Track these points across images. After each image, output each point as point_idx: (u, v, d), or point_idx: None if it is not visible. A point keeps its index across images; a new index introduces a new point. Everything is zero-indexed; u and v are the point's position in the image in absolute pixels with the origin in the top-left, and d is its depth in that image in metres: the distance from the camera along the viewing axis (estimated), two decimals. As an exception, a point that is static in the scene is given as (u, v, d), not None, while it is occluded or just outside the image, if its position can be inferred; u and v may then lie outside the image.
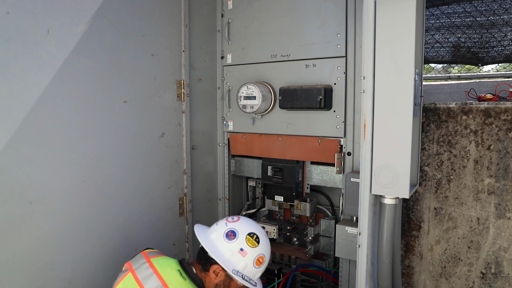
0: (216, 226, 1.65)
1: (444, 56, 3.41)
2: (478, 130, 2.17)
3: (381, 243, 1.80)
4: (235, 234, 1.58)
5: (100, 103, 1.87)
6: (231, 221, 1.65)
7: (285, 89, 2.22)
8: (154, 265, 1.58)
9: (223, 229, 1.61)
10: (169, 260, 1.65)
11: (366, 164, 1.71)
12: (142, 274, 1.53)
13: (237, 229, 1.60)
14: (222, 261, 1.53)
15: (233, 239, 1.56)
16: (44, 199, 1.67)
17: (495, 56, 3.19)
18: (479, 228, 2.21)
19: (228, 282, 1.58)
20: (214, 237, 1.61)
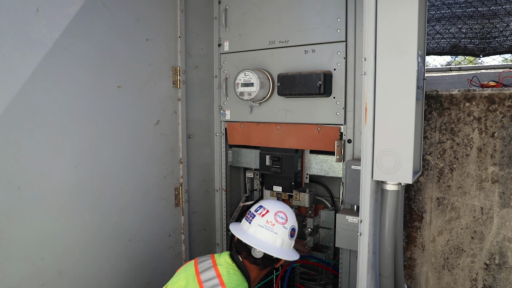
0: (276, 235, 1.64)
1: (445, 48, 3.36)
2: (481, 117, 2.11)
3: (383, 231, 1.74)
4: (295, 229, 1.70)
5: (93, 86, 1.81)
6: (284, 221, 1.67)
7: (283, 75, 2.16)
8: (214, 256, 1.68)
9: (285, 233, 1.65)
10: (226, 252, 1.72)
11: (368, 149, 1.65)
12: (203, 265, 1.61)
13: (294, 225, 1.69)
14: (296, 256, 1.67)
15: (294, 234, 1.70)
16: (33, 185, 1.61)
17: (496, 47, 3.14)
18: (482, 218, 2.15)
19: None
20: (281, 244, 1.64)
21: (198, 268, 1.60)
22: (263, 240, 1.61)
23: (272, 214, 1.65)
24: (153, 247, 2.16)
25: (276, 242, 1.61)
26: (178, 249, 2.32)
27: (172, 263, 2.29)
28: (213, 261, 1.63)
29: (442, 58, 3.51)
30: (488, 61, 3.28)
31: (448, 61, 3.60)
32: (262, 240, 1.61)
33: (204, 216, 2.52)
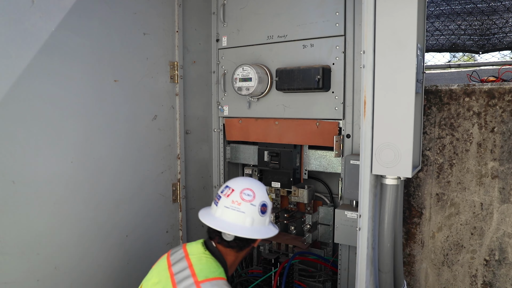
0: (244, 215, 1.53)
1: (444, 44, 3.35)
2: (481, 112, 2.10)
3: (382, 226, 1.73)
4: (266, 204, 1.58)
5: (89, 80, 1.79)
6: (251, 198, 1.54)
7: (282, 70, 2.14)
8: (186, 245, 1.60)
9: (255, 211, 1.54)
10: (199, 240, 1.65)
11: (367, 143, 1.63)
12: (175, 257, 1.54)
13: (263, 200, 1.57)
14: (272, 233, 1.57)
15: (266, 210, 1.57)
16: (28, 179, 1.59)
17: (496, 44, 3.13)
18: (482, 213, 2.13)
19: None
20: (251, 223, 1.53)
21: (170, 260, 1.53)
22: (231, 223, 1.50)
23: (238, 193, 1.53)
24: (150, 243, 2.14)
25: (245, 222, 1.50)
26: (176, 245, 2.30)
27: (169, 260, 2.27)
28: (185, 251, 1.55)
29: (441, 55, 3.50)
30: (488, 58, 3.27)
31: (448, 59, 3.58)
32: (230, 223, 1.50)
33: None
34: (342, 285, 2.17)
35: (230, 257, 1.56)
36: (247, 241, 1.54)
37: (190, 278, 1.38)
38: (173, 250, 1.59)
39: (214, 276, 1.39)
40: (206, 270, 1.41)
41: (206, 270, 1.41)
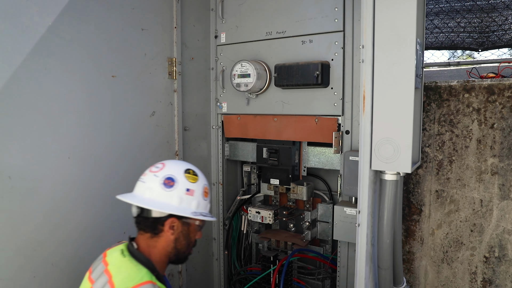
0: (144, 184, 1.42)
1: (443, 42, 3.34)
2: (481, 108, 2.09)
3: (382, 222, 1.72)
4: (173, 179, 1.40)
5: (86, 75, 1.78)
6: (158, 170, 1.43)
7: (280, 66, 2.13)
8: (106, 255, 1.44)
9: (156, 182, 1.39)
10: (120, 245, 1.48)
11: (366, 138, 1.62)
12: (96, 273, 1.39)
13: (170, 173, 1.41)
14: (176, 210, 1.37)
15: (174, 185, 1.39)
16: (24, 174, 1.58)
17: (495, 41, 3.12)
18: (482, 210, 2.12)
19: (187, 230, 1.45)
20: (151, 195, 1.38)
21: (91, 278, 1.39)
22: (134, 195, 1.42)
23: (151, 166, 1.48)
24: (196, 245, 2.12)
25: (144, 193, 1.39)
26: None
27: (168, 257, 2.26)
28: (105, 263, 1.40)
29: (440, 53, 3.50)
30: (487, 56, 3.26)
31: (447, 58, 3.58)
32: (134, 195, 1.42)
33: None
34: (341, 282, 2.16)
35: (154, 250, 1.41)
36: (155, 221, 1.39)
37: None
38: (94, 265, 1.45)
39: (134, 284, 1.26)
40: (126, 279, 1.29)
41: (126, 279, 1.29)
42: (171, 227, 1.40)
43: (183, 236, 1.44)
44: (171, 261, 1.48)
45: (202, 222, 1.50)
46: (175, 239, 1.42)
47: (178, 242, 1.43)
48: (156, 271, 1.37)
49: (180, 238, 1.43)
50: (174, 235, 1.41)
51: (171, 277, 2.29)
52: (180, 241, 1.44)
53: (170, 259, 1.46)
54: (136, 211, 1.41)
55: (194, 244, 1.53)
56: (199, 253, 2.51)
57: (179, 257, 1.48)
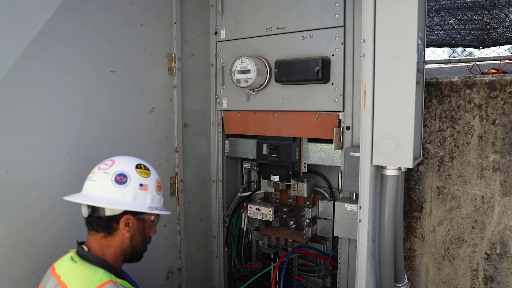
0: (94, 182, 1.35)
1: (444, 39, 3.33)
2: (482, 104, 2.08)
3: (383, 218, 1.70)
4: (125, 174, 1.35)
5: (86, 70, 1.76)
6: (107, 167, 1.37)
7: (280, 61, 2.12)
8: (55, 269, 1.36)
9: (107, 179, 1.33)
10: (68, 253, 1.41)
11: (367, 133, 1.61)
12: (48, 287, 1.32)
13: (122, 169, 1.36)
14: (132, 206, 1.33)
15: (126, 181, 1.34)
16: (22, 169, 1.56)
17: (496, 38, 3.11)
18: (483, 207, 2.11)
19: (143, 226, 1.42)
20: (102, 193, 1.32)
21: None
22: (84, 194, 1.36)
23: (99, 164, 1.42)
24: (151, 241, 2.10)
25: (95, 191, 1.33)
26: (174, 239, 2.28)
27: (167, 254, 2.24)
28: (56, 276, 1.32)
29: (441, 51, 3.48)
30: (488, 53, 3.25)
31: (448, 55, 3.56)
32: (84, 194, 1.36)
33: (200, 207, 2.48)
34: (342, 279, 2.14)
35: (108, 250, 1.36)
36: (109, 220, 1.34)
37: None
38: (42, 283, 1.37)
39: (94, 287, 1.21)
40: (83, 285, 1.22)
41: (83, 285, 1.22)
42: (126, 224, 1.36)
43: (138, 233, 1.41)
44: (126, 260, 1.44)
45: (157, 218, 1.48)
46: (130, 236, 1.39)
47: (134, 239, 1.40)
48: (113, 269, 1.32)
49: (136, 235, 1.40)
50: (129, 233, 1.38)
51: (170, 274, 2.27)
52: (136, 238, 1.40)
53: (125, 257, 1.42)
54: (87, 211, 1.35)
55: (149, 241, 1.50)
56: (199, 250, 2.50)
57: (135, 254, 1.45)
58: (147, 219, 1.43)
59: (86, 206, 1.35)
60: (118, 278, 1.28)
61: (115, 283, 1.23)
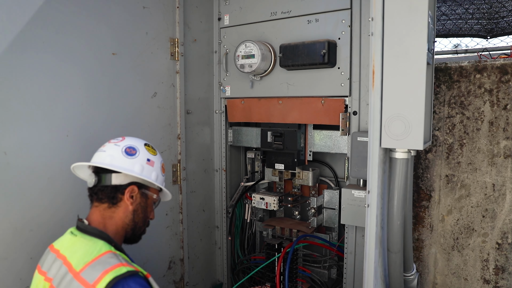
0: (105, 152, 1.38)
1: (451, 29, 3.27)
2: (493, 89, 2.02)
3: (392, 203, 1.65)
4: (134, 148, 1.40)
5: (86, 51, 1.72)
6: (118, 141, 1.42)
7: (285, 45, 2.07)
8: (53, 246, 1.35)
9: (117, 150, 1.37)
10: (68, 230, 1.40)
11: (375, 114, 1.56)
12: (47, 264, 1.30)
13: (131, 143, 1.41)
14: (138, 175, 1.36)
15: (136, 153, 1.38)
16: (21, 151, 1.52)
17: (505, 27, 3.05)
18: (494, 195, 2.05)
19: (145, 203, 1.43)
20: (111, 161, 1.35)
21: (43, 271, 1.29)
22: (95, 161, 1.38)
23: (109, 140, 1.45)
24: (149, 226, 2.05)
25: (104, 159, 1.35)
26: (176, 228, 2.23)
27: (169, 244, 2.20)
28: (55, 250, 1.31)
29: (447, 41, 3.42)
30: (496, 43, 3.18)
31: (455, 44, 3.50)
32: (92, 162, 1.38)
33: (203, 197, 2.43)
34: (349, 269, 2.09)
35: (110, 221, 1.35)
36: (114, 189, 1.35)
37: (67, 274, 1.18)
38: (41, 261, 1.36)
39: (93, 258, 1.19)
40: (83, 255, 1.20)
41: (83, 255, 1.20)
42: (130, 196, 1.37)
43: (141, 209, 1.42)
44: (126, 237, 1.42)
45: (158, 199, 1.49)
46: (133, 210, 1.39)
47: (136, 215, 1.40)
48: (113, 241, 1.30)
49: (138, 210, 1.41)
50: (133, 206, 1.38)
51: (172, 264, 2.23)
52: (138, 213, 1.41)
53: (126, 234, 1.41)
54: (94, 180, 1.36)
55: (148, 224, 1.51)
56: (202, 241, 2.45)
57: (135, 232, 1.44)
58: (150, 196, 1.44)
59: (94, 175, 1.37)
60: (118, 251, 1.26)
61: (115, 254, 1.21)
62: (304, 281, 2.31)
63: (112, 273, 1.13)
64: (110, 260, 1.18)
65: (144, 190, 1.41)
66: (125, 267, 1.16)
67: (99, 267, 1.15)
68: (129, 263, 1.20)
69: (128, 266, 1.17)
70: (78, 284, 1.14)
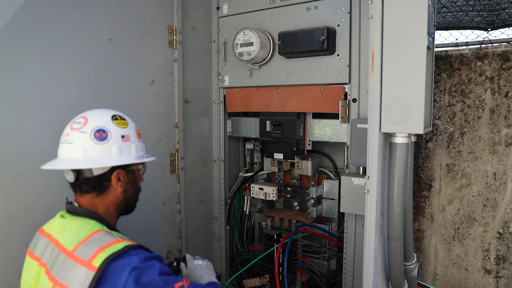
0: (72, 144, 1.24)
1: (451, 22, 3.24)
2: (494, 77, 2.00)
3: (392, 188, 1.63)
4: (104, 130, 1.25)
5: (82, 35, 1.70)
6: (81, 125, 1.25)
7: (284, 33, 2.05)
8: (43, 230, 1.32)
9: (85, 138, 1.23)
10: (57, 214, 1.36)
11: (375, 99, 1.53)
12: (39, 249, 1.26)
13: (98, 125, 1.25)
14: (119, 161, 1.25)
15: (107, 136, 1.24)
16: (15, 134, 1.50)
17: (506, 19, 3.02)
18: (495, 184, 2.03)
19: (133, 178, 1.36)
20: (84, 154, 1.22)
21: (36, 256, 1.26)
22: (62, 159, 1.27)
23: (70, 124, 1.30)
24: (147, 215, 2.04)
25: (76, 154, 1.22)
26: (174, 219, 2.21)
27: (167, 234, 2.18)
28: (46, 235, 1.28)
29: (448, 34, 3.39)
30: (497, 35, 3.16)
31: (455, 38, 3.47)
32: (61, 159, 1.27)
33: (201, 187, 2.41)
34: (348, 259, 2.07)
35: (101, 206, 1.30)
36: (99, 179, 1.26)
37: (60, 255, 1.15)
38: (31, 245, 1.33)
39: (85, 236, 1.15)
40: (75, 235, 1.17)
41: (75, 235, 1.17)
42: (118, 180, 1.29)
43: (130, 185, 1.35)
44: (120, 214, 1.38)
45: (144, 165, 1.42)
46: (123, 190, 1.33)
47: (127, 193, 1.34)
48: (105, 221, 1.26)
49: (128, 187, 1.34)
50: (122, 187, 1.32)
51: (170, 255, 2.20)
52: (128, 190, 1.35)
53: (119, 212, 1.36)
54: (73, 176, 1.25)
55: (140, 190, 1.44)
56: (200, 232, 2.43)
57: (129, 206, 1.39)
58: (136, 169, 1.37)
59: (70, 170, 1.25)
60: (112, 230, 1.23)
61: (108, 232, 1.18)
62: (303, 272, 2.29)
63: (108, 250, 1.09)
64: (104, 238, 1.15)
65: (129, 168, 1.33)
66: (121, 242, 1.13)
67: (94, 244, 1.12)
68: (126, 239, 1.18)
69: (125, 241, 1.14)
70: (72, 262, 1.11)
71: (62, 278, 1.11)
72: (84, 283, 1.05)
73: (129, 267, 1.06)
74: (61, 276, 1.11)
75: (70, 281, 1.08)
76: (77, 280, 1.07)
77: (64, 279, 1.10)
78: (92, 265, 1.06)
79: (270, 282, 2.32)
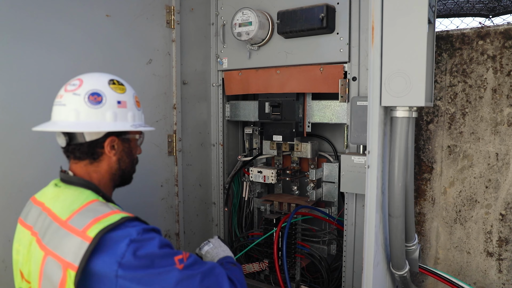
0: (65, 106, 1.17)
1: (452, 9, 3.22)
2: (496, 55, 1.97)
3: (393, 163, 1.60)
4: (99, 93, 1.17)
5: (79, 11, 1.68)
6: (76, 87, 1.18)
7: (283, 12, 2.03)
8: (35, 199, 1.28)
9: (79, 100, 1.15)
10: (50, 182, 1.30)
11: (375, 72, 1.51)
12: (31, 218, 1.22)
13: (94, 88, 1.17)
14: (114, 127, 1.18)
15: (102, 100, 1.17)
16: (10, 105, 1.48)
17: (507, 5, 3.00)
18: (498, 164, 2.00)
19: (128, 147, 1.29)
20: (77, 117, 1.15)
21: (28, 224, 1.22)
22: (54, 121, 1.20)
23: (64, 86, 1.22)
24: (144, 197, 2.01)
25: (68, 117, 1.15)
26: (171, 201, 2.18)
27: (164, 216, 2.15)
28: (38, 203, 1.24)
29: (448, 21, 3.37)
30: (498, 22, 3.14)
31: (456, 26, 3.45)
32: (53, 121, 1.20)
33: (199, 171, 2.38)
34: (349, 242, 2.04)
35: (95, 175, 1.23)
36: (91, 145, 1.20)
37: (52, 223, 1.11)
38: (23, 214, 1.29)
39: (80, 205, 1.11)
40: (69, 204, 1.13)
41: (69, 204, 1.13)
42: (112, 147, 1.23)
43: (125, 155, 1.28)
44: (116, 185, 1.32)
45: (142, 136, 1.35)
46: (118, 159, 1.25)
47: (122, 162, 1.27)
48: (101, 191, 1.21)
49: (123, 157, 1.27)
50: (116, 156, 1.25)
51: (168, 238, 2.17)
52: (123, 160, 1.27)
53: (115, 183, 1.30)
54: (65, 140, 1.19)
55: (136, 161, 1.37)
56: (198, 216, 2.40)
57: (124, 177, 1.32)
58: (132, 138, 1.30)
59: (62, 134, 1.20)
60: (108, 201, 1.19)
61: (104, 202, 1.14)
62: (303, 256, 2.25)
63: (104, 221, 1.05)
64: (100, 208, 1.11)
65: (125, 136, 1.26)
66: (118, 214, 1.09)
67: (89, 214, 1.08)
68: (122, 211, 1.14)
69: (122, 213, 1.11)
70: (66, 232, 1.07)
71: (55, 247, 1.07)
72: (78, 253, 1.01)
73: (127, 239, 1.03)
74: (53, 245, 1.08)
75: (62, 250, 1.05)
76: (70, 249, 1.03)
77: (57, 248, 1.06)
78: (87, 235, 1.02)
79: (269, 267, 2.29)
